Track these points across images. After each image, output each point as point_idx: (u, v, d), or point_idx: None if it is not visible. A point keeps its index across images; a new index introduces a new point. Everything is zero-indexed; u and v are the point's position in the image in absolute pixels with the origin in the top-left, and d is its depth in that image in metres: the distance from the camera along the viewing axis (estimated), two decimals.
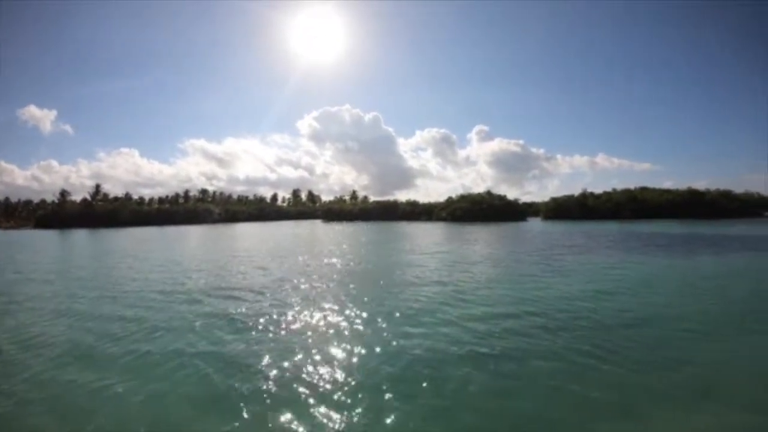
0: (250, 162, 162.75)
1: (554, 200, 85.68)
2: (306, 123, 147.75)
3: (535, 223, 72.88)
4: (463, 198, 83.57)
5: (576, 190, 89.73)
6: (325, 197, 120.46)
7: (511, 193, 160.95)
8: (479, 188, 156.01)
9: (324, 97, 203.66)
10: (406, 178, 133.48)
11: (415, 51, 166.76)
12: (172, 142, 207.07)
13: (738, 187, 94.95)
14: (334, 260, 21.94)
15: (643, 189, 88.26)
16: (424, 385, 6.26)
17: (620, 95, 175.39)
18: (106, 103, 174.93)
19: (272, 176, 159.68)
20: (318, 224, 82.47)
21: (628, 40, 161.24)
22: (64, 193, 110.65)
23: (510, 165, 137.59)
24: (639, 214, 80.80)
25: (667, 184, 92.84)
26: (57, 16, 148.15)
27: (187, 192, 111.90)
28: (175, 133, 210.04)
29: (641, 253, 23.54)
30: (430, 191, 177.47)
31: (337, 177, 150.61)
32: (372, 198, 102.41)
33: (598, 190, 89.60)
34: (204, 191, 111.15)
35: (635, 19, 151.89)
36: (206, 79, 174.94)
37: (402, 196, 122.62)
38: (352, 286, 14.26)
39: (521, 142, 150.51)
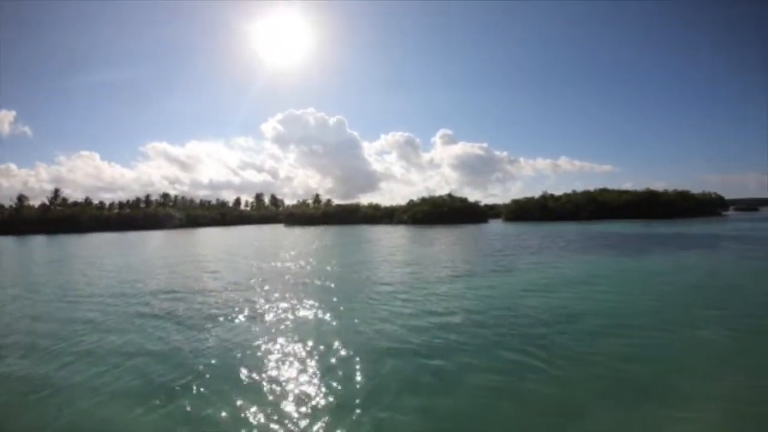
0: (214, 166, 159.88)
1: (515, 202, 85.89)
2: (270, 126, 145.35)
3: (495, 225, 72.90)
4: (425, 201, 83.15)
5: (538, 192, 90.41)
6: (289, 201, 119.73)
7: (475, 196, 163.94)
8: (443, 191, 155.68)
9: (289, 100, 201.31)
10: (370, 181, 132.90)
11: (379, 55, 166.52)
12: (134, 145, 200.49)
13: (696, 187, 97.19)
14: (283, 264, 22.22)
15: (603, 190, 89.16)
16: (358, 381, 6.38)
17: (581, 98, 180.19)
18: (67, 104, 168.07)
19: (236, 180, 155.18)
20: (279, 229, 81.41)
21: (588, 43, 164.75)
22: (21, 198, 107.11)
23: (474, 168, 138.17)
24: (598, 215, 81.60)
25: (628, 185, 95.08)
26: (14, 14, 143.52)
27: (148, 196, 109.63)
28: (137, 136, 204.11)
29: (592, 252, 24.02)
30: (394, 194, 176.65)
31: (301, 181, 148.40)
32: (336, 201, 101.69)
33: (560, 192, 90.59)
34: (165, 195, 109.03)
35: (595, 22, 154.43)
36: (169, 81, 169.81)
37: (366, 199, 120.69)
38: (295, 289, 14.64)
39: (485, 145, 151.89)
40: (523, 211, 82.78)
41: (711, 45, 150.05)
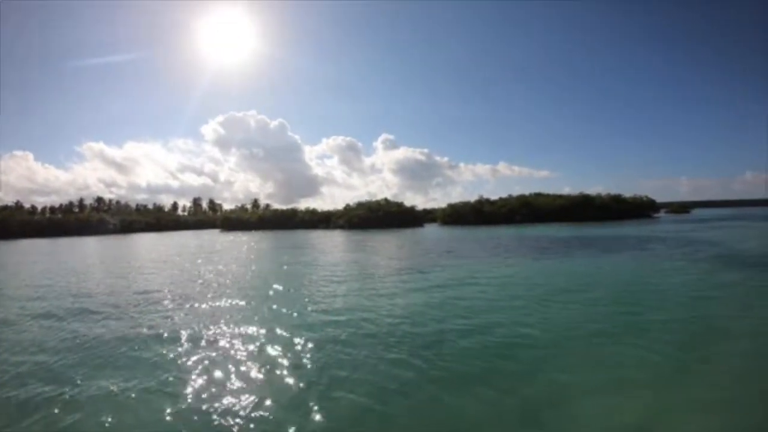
0: (152, 168, 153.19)
1: (451, 206, 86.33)
2: (210, 128, 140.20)
3: (431, 230, 72.89)
4: (361, 205, 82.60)
5: (477, 197, 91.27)
6: (229, 206, 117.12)
7: (416, 200, 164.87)
8: (384, 196, 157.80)
9: (230, 102, 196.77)
10: (311, 185, 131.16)
11: (321, 58, 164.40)
12: (70, 145, 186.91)
13: (632, 191, 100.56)
14: (198, 270, 22.21)
15: (538, 195, 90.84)
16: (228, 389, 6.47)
17: (520, 105, 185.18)
18: None
19: (175, 184, 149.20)
20: (215, 234, 79.33)
21: (525, 48, 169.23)
22: None
23: (415, 173, 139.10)
24: (533, 219, 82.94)
25: (566, 189, 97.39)
26: None
27: (81, 200, 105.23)
28: (72, 136, 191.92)
29: (518, 255, 23.96)
30: (336, 199, 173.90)
31: (241, 185, 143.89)
32: (277, 206, 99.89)
33: (497, 196, 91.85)
34: (100, 200, 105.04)
35: (534, 27, 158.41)
36: (107, 78, 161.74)
37: (308, 204, 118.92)
38: (209, 295, 14.63)
39: (426, 150, 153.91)
40: (459, 216, 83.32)
41: (645, 48, 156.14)
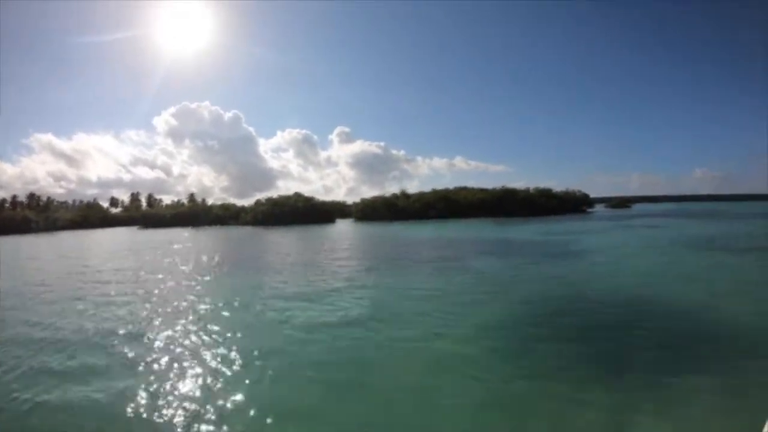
0: (103, 161, 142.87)
1: (363, 201, 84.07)
2: (163, 120, 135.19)
3: (342, 226, 70.87)
4: (268, 200, 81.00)
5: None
6: (184, 200, 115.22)
7: (373, 194, 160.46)
8: (341, 189, 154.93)
9: (185, 93, 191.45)
10: (267, 179, 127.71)
11: (276, 49, 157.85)
12: (17, 137, 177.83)
13: (585, 186, 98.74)
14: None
15: (461, 188, 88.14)
16: None
17: (478, 98, 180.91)
18: None
19: (127, 177, 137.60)
20: (123, 231, 78.89)
21: (482, 42, 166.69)
22: None
23: (371, 166, 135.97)
24: (451, 214, 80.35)
25: (520, 183, 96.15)
26: None
27: (15, 197, 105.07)
28: (20, 127, 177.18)
29: (383, 267, 20.93)
30: (291, 193, 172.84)
31: (195, 178, 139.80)
32: (233, 200, 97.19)
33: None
34: (31, 196, 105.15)
35: (490, 21, 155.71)
36: (54, 66, 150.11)
37: (263, 197, 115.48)
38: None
39: (382, 144, 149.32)
40: (371, 211, 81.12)
41: (600, 44, 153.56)
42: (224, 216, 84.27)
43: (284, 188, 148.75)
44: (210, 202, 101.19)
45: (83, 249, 42.61)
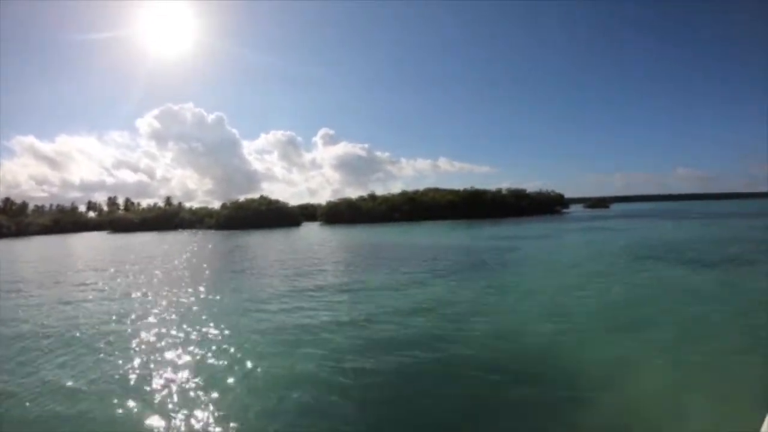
0: (86, 164, 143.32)
1: (328, 204, 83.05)
2: (146, 122, 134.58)
3: (307, 229, 70.15)
4: (232, 204, 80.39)
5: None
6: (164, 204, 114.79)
7: (357, 195, 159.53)
8: (325, 191, 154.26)
9: (168, 95, 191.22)
10: (251, 182, 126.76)
11: (260, 50, 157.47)
12: None
13: (570, 186, 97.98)
14: None
15: (430, 189, 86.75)
16: None
17: (462, 99, 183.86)
18: None
19: (110, 180, 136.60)
20: (102, 236, 78.87)
21: (466, 44, 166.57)
22: None
23: (356, 168, 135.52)
24: (418, 216, 78.96)
25: (505, 185, 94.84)
26: None
27: None
28: (1, 129, 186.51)
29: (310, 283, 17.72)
30: (276, 196, 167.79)
31: (179, 181, 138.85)
32: (216, 203, 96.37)
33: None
34: (6, 201, 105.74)
35: (476, 22, 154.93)
36: (36, 66, 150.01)
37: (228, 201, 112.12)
38: None
39: (366, 145, 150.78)
40: (336, 213, 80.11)
41: (587, 45, 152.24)
42: (192, 220, 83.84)
43: (269, 191, 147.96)
44: (195, 206, 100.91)
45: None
